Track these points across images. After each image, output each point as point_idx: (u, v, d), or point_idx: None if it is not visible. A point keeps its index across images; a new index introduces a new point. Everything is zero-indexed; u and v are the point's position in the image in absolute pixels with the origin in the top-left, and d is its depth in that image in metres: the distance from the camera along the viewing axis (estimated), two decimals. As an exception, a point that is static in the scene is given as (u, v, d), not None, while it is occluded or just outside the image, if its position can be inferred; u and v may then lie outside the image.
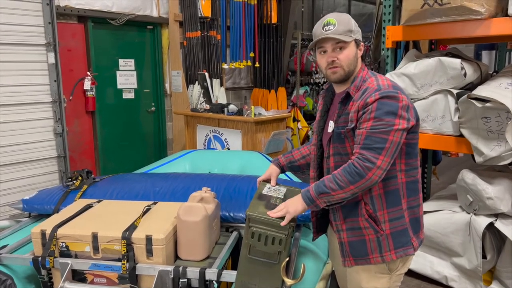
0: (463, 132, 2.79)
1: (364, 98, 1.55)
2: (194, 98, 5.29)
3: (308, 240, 2.18)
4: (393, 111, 1.51)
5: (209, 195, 2.09)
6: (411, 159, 1.64)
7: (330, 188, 1.55)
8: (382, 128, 1.50)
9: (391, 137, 1.50)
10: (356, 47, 1.65)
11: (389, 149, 1.50)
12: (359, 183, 1.51)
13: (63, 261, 1.89)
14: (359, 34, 1.66)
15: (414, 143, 1.63)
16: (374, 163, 1.49)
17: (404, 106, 1.53)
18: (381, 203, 1.61)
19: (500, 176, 2.87)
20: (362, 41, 1.67)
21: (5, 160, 3.58)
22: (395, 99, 1.52)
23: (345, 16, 1.65)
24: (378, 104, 1.51)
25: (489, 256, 2.88)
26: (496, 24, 2.65)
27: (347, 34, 1.60)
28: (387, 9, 3.28)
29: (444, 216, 3.03)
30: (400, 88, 1.59)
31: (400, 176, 1.62)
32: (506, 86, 2.69)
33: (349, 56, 1.62)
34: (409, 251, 1.64)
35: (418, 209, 1.69)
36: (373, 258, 1.64)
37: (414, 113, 1.60)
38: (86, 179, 2.67)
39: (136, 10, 4.99)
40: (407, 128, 1.54)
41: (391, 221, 1.61)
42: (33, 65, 3.67)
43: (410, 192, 1.65)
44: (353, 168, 1.51)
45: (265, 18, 6.09)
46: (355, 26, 1.64)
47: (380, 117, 1.50)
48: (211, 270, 1.84)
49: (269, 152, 4.46)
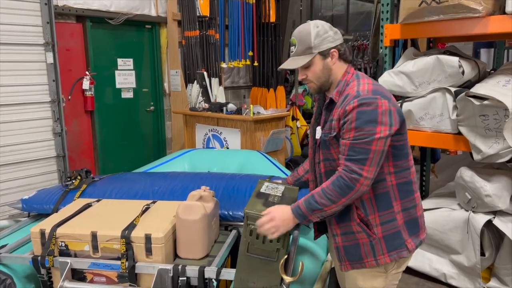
0: (461, 130, 2.79)
1: (344, 105, 1.54)
2: (193, 97, 5.29)
3: (307, 238, 2.19)
4: (372, 119, 1.49)
5: (208, 194, 2.09)
6: (400, 160, 1.61)
7: (322, 204, 1.55)
8: (364, 138, 1.48)
9: (374, 146, 1.48)
10: (324, 58, 1.62)
11: (373, 158, 1.49)
12: (350, 195, 1.52)
13: (63, 260, 1.90)
14: (327, 41, 1.61)
15: (401, 145, 1.61)
16: (360, 174, 1.49)
17: (385, 112, 1.50)
18: (372, 207, 1.61)
19: (498, 173, 2.88)
20: (335, 47, 1.62)
21: (4, 160, 3.58)
22: (374, 105, 1.49)
23: (305, 31, 1.62)
24: (357, 113, 1.49)
25: (488, 253, 2.89)
26: (494, 22, 2.65)
27: (307, 52, 1.61)
28: (385, 8, 3.28)
29: (443, 214, 3.04)
30: (381, 92, 1.55)
31: (390, 179, 1.60)
32: (504, 84, 2.69)
33: (315, 72, 1.63)
34: (403, 253, 1.62)
35: (415, 210, 1.67)
36: (367, 262, 1.64)
37: (398, 115, 1.55)
38: (85, 178, 2.67)
39: (134, 10, 4.98)
40: (390, 134, 1.51)
41: (383, 224, 1.61)
42: (31, 65, 3.68)
43: (403, 193, 1.63)
44: (342, 180, 1.52)
45: (264, 17, 6.08)
46: (318, 38, 1.60)
47: (360, 127, 1.49)
48: (210, 269, 1.84)
49: (268, 151, 4.46)
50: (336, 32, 1.65)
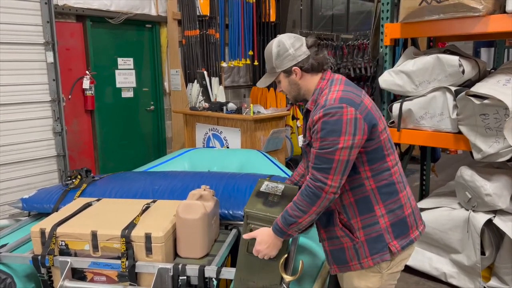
0: (462, 129, 2.79)
1: (312, 115, 1.56)
2: (193, 97, 5.29)
3: (307, 237, 2.19)
4: (336, 129, 1.49)
5: (208, 193, 2.09)
6: (376, 163, 1.59)
7: (295, 216, 1.56)
8: (327, 148, 1.50)
9: (337, 156, 1.49)
10: (288, 75, 1.67)
11: (337, 168, 1.50)
12: (318, 203, 1.52)
13: (63, 259, 1.90)
14: (287, 60, 1.64)
15: (375, 149, 1.58)
16: (325, 182, 1.50)
17: (349, 120, 1.49)
18: (353, 211, 1.62)
19: (498, 172, 2.88)
20: (295, 64, 1.64)
21: (5, 159, 3.58)
22: (338, 115, 1.49)
23: (268, 51, 1.68)
24: (322, 123, 1.51)
25: (488, 252, 2.89)
26: (494, 21, 2.65)
27: (272, 72, 1.70)
28: (385, 7, 3.28)
29: (443, 213, 3.04)
30: (348, 99, 1.53)
31: (369, 183, 1.60)
32: (504, 83, 2.69)
33: (285, 87, 1.72)
34: (385, 256, 1.61)
35: (402, 210, 1.64)
36: (352, 265, 1.66)
37: (365, 122, 1.52)
38: (85, 178, 2.67)
39: (134, 9, 4.99)
40: (354, 143, 1.50)
41: (365, 228, 1.61)
42: (31, 64, 3.68)
43: (385, 196, 1.61)
44: (308, 189, 1.53)
45: (264, 16, 6.09)
46: (278, 58, 1.64)
47: (324, 137, 1.50)
48: (211, 268, 1.84)
49: (268, 150, 4.46)
50: (299, 48, 1.64)
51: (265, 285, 1.71)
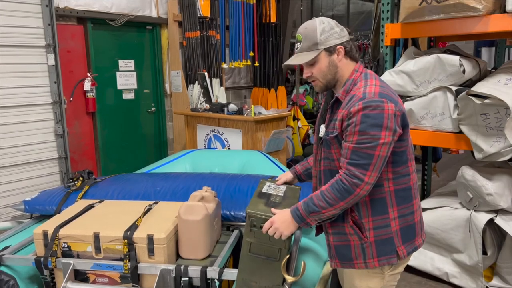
0: (462, 128, 2.79)
1: (348, 107, 1.50)
2: (194, 98, 5.30)
3: (309, 238, 2.19)
4: (378, 124, 1.45)
5: (209, 194, 2.09)
6: (399, 167, 1.58)
7: (320, 206, 1.53)
8: (368, 143, 1.45)
9: (377, 152, 1.46)
10: (330, 55, 1.59)
11: (376, 164, 1.47)
12: (348, 199, 1.50)
13: (65, 261, 1.91)
14: (333, 37, 1.58)
15: (402, 151, 1.57)
16: (362, 179, 1.47)
17: (390, 116, 1.46)
18: (366, 211, 1.59)
19: (499, 172, 2.88)
20: (341, 43, 1.58)
21: (6, 161, 3.59)
22: (380, 109, 1.46)
23: (310, 27, 1.59)
24: (362, 116, 1.46)
25: (490, 252, 2.88)
26: (494, 21, 2.65)
27: (313, 48, 1.58)
28: (385, 7, 3.28)
29: (445, 213, 3.04)
30: (387, 95, 1.51)
31: (388, 185, 1.57)
32: (505, 83, 2.69)
33: (321, 69, 1.60)
34: (392, 260, 1.60)
35: (413, 216, 1.64)
36: (357, 263, 1.64)
37: (402, 120, 1.52)
38: (87, 179, 2.68)
39: (135, 11, 4.99)
40: (393, 140, 1.48)
41: (376, 229, 1.59)
42: (33, 67, 3.69)
43: (401, 200, 1.60)
44: (341, 184, 1.50)
45: (264, 17, 6.09)
46: (324, 34, 1.57)
47: (365, 131, 1.45)
48: (213, 269, 1.85)
49: (269, 151, 4.47)
50: (342, 29, 1.62)
51: (267, 285, 1.71)
